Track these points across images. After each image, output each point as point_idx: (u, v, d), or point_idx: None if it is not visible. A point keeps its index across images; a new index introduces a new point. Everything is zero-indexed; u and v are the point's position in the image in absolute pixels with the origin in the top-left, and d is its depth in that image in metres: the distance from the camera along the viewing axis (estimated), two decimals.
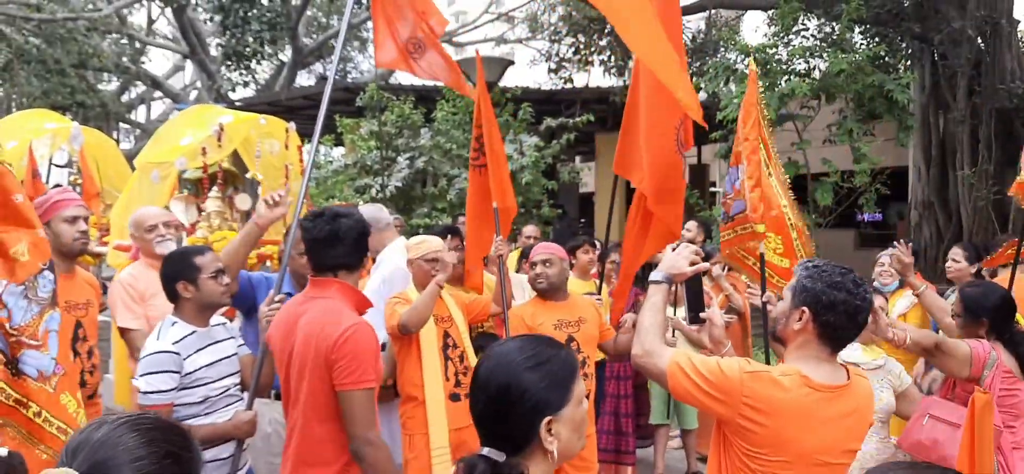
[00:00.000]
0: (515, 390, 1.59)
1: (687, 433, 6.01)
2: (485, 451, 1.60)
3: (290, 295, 3.75)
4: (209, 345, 3.11)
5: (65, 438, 2.36)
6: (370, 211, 5.12)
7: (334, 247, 2.81)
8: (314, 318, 2.73)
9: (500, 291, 4.39)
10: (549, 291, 4.22)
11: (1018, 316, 4.13)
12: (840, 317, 2.18)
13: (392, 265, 4.80)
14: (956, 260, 5.21)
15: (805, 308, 2.21)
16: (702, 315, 2.74)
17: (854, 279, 2.21)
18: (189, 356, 3.01)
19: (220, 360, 3.14)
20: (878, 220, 16.79)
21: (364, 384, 2.64)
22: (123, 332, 3.93)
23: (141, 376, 2.94)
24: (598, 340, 4.34)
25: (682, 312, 5.78)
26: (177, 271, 3.11)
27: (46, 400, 2.42)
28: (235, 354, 3.25)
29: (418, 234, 8.36)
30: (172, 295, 3.11)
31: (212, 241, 5.47)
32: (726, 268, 6.63)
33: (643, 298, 5.58)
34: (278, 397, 3.65)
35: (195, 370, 3.02)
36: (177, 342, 2.99)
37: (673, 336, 5.82)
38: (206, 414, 3.05)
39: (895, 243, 4.52)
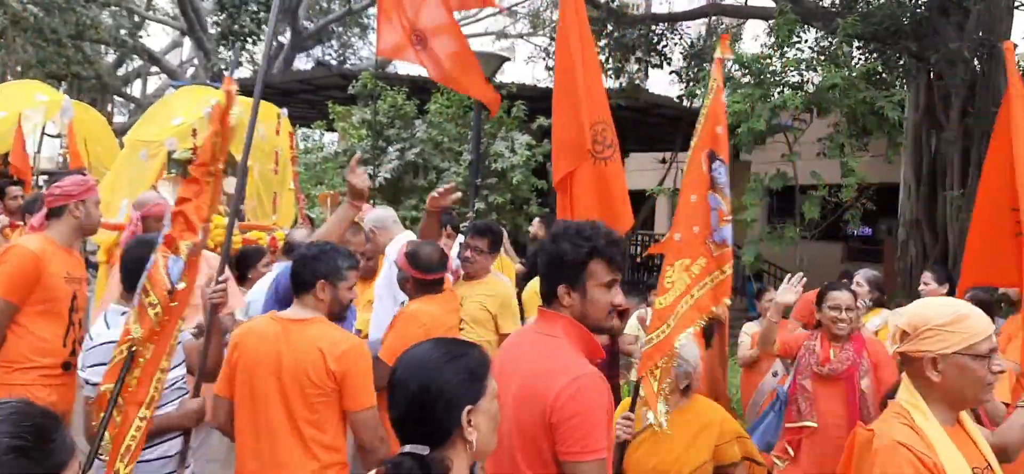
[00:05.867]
0: (435, 385, 1.68)
1: None
2: (408, 448, 1.68)
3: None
4: None
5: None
6: (378, 213, 5.28)
7: (553, 272, 2.27)
8: (534, 362, 2.22)
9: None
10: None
11: None
12: None
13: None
14: (927, 283, 5.28)
15: None
16: None
17: None
18: None
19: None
20: (867, 235, 16.88)
21: (592, 455, 2.08)
22: None
23: (89, 367, 2.83)
24: None
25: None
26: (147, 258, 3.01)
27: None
28: (179, 342, 3.13)
29: (404, 226, 8.37)
30: (133, 282, 2.98)
31: None
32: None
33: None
34: None
35: None
36: None
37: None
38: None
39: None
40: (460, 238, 5.35)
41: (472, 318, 4.66)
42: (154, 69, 25.15)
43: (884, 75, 10.95)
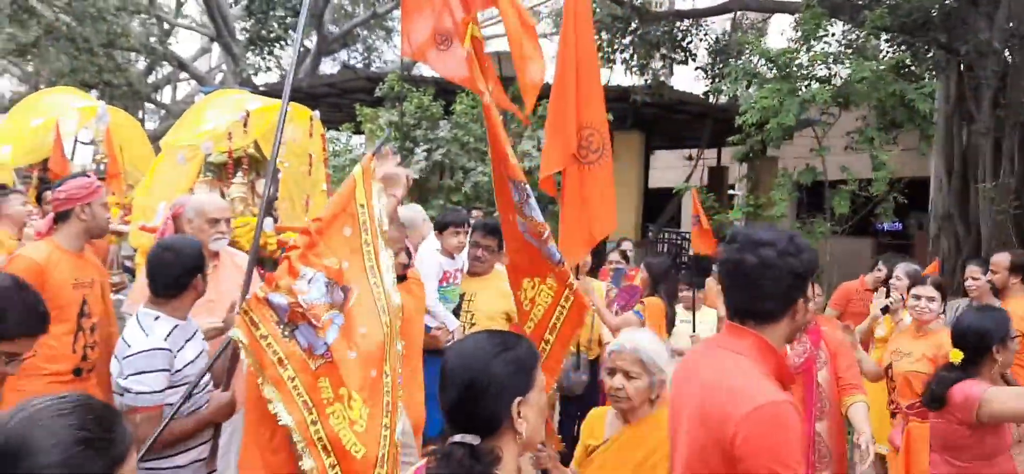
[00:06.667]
0: (485, 376, 1.71)
1: None
2: (457, 438, 1.71)
3: None
4: (190, 338, 3.01)
5: (309, 415, 2.53)
6: (406, 213, 5.39)
7: (748, 286, 2.08)
8: (715, 379, 2.05)
9: None
10: None
11: None
12: None
13: (426, 251, 5.11)
14: (975, 278, 5.21)
15: None
16: None
17: None
18: (178, 352, 2.89)
19: (201, 354, 3.03)
20: (897, 230, 16.69)
21: None
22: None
23: (131, 375, 2.76)
24: None
25: (705, 327, 5.84)
26: (202, 262, 3.03)
27: (301, 369, 2.58)
28: (205, 347, 3.14)
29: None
30: (181, 286, 2.97)
31: (235, 226, 5.58)
32: None
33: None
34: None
35: (184, 366, 2.90)
36: (167, 337, 2.86)
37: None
38: (188, 413, 2.92)
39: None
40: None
41: (487, 315, 4.73)
42: (184, 75, 25.48)
43: (913, 68, 10.85)
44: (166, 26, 22.88)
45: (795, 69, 9.75)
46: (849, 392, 3.89)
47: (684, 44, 14.70)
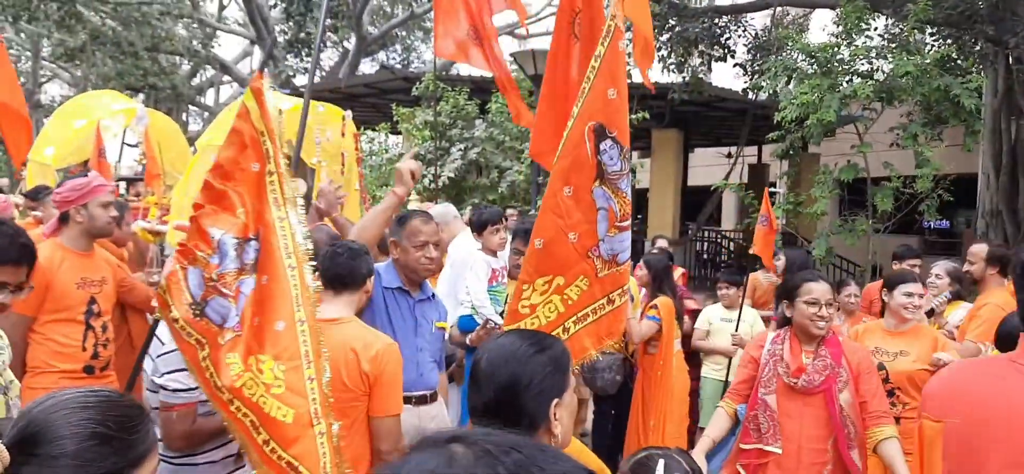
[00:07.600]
0: (525, 377, 1.66)
1: None
2: None
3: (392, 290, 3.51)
4: None
5: (224, 396, 2.33)
6: (439, 209, 5.44)
7: None
8: None
9: None
10: None
11: None
12: None
13: (461, 250, 5.13)
14: None
15: None
16: None
17: None
18: None
19: None
20: (944, 228, 16.30)
21: None
22: None
23: (166, 373, 2.77)
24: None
25: (745, 326, 5.74)
26: None
27: (213, 347, 2.38)
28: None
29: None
30: None
31: None
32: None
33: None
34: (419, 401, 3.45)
35: None
36: None
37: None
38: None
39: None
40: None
41: None
42: (226, 78, 25.91)
43: (959, 61, 10.57)
44: (208, 30, 23.27)
45: (836, 64, 9.55)
46: (877, 423, 3.27)
47: (723, 40, 14.51)
